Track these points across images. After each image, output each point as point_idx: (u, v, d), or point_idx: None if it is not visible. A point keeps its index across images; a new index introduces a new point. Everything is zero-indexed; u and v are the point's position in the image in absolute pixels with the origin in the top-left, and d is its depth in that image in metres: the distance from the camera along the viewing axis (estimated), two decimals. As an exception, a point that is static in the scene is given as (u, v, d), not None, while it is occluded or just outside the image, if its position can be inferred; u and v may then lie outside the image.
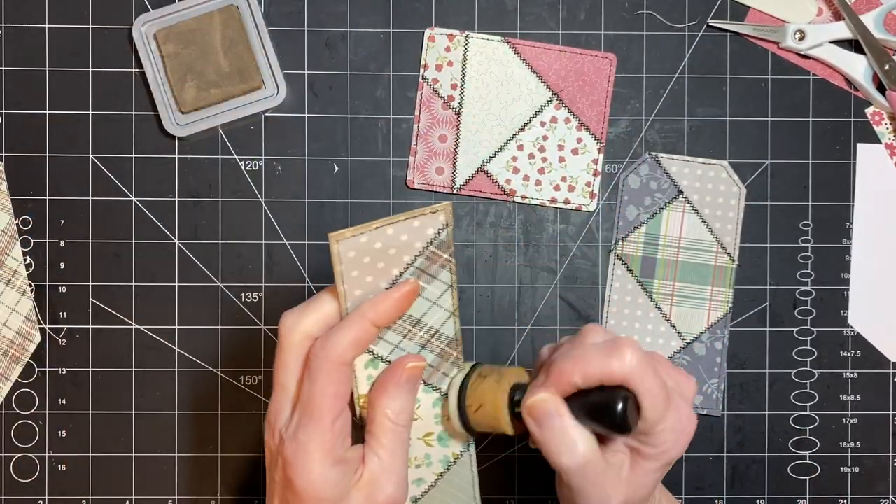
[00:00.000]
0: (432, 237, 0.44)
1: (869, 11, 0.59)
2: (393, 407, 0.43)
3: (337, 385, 0.42)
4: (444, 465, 0.47)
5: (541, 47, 0.60)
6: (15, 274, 0.59)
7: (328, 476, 0.41)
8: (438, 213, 0.43)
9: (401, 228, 0.43)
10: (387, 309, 0.43)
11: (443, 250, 0.44)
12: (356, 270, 0.43)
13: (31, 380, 0.60)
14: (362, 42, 0.60)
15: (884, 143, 0.61)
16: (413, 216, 0.43)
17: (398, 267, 0.44)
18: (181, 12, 0.58)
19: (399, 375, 0.44)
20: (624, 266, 0.60)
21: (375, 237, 0.43)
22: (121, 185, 0.60)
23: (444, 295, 0.45)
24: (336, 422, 0.42)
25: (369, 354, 0.45)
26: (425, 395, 0.46)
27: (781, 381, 0.60)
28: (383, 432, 0.43)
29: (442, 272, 0.45)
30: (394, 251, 0.43)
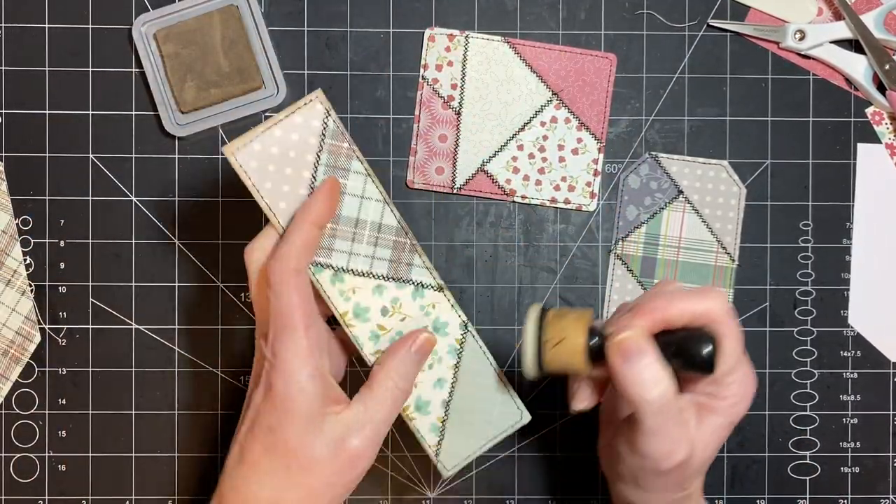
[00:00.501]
0: (321, 129, 0.47)
1: (869, 11, 0.59)
2: (399, 370, 0.46)
3: (298, 292, 0.44)
4: (452, 355, 0.49)
5: (541, 47, 0.60)
6: (15, 274, 0.60)
7: (306, 384, 0.43)
8: (313, 101, 0.47)
9: (287, 127, 0.46)
10: (319, 206, 0.46)
11: (339, 140, 0.47)
12: (268, 182, 0.46)
13: (31, 380, 0.60)
14: (362, 42, 0.60)
15: (884, 143, 0.61)
16: (291, 112, 0.46)
17: (307, 169, 0.47)
18: (181, 12, 0.58)
19: (411, 343, 0.47)
20: (624, 266, 0.60)
21: (267, 142, 0.46)
22: (121, 185, 0.60)
23: (368, 186, 0.48)
24: (309, 329, 0.44)
25: (329, 270, 0.47)
26: (401, 291, 0.48)
27: (781, 381, 0.60)
28: (379, 387, 0.46)
29: (352, 162, 0.47)
30: (293, 153, 0.46)
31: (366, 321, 0.48)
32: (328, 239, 0.47)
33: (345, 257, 0.47)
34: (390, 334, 0.48)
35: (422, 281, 0.48)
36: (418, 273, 0.48)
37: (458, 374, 0.49)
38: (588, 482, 0.60)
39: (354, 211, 0.47)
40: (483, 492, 0.60)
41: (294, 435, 0.44)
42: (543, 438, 0.60)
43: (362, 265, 0.47)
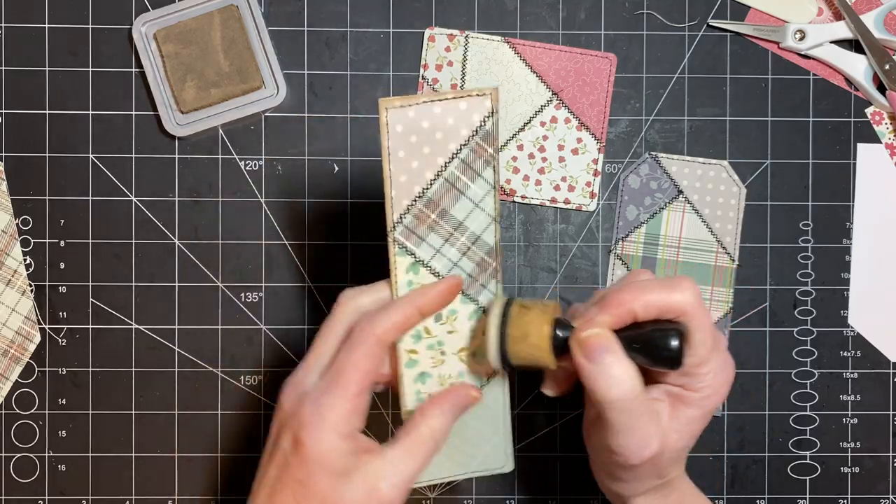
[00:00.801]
0: (478, 125, 0.45)
1: (869, 11, 0.59)
2: (436, 423, 0.45)
3: (371, 360, 0.43)
4: (477, 383, 0.48)
5: (541, 47, 0.60)
6: (15, 274, 0.59)
7: (338, 445, 0.43)
8: (485, 96, 0.44)
9: (448, 108, 0.44)
10: (433, 299, 0.45)
11: (488, 143, 0.45)
12: (402, 150, 0.44)
13: (31, 380, 0.60)
14: (362, 42, 0.60)
15: (884, 143, 0.61)
16: (460, 96, 0.44)
17: (443, 156, 0.45)
18: (181, 12, 0.58)
19: (455, 396, 0.46)
20: (624, 266, 0.60)
21: (422, 113, 0.44)
22: (121, 185, 0.60)
23: (487, 197, 0.46)
24: (360, 396, 0.43)
25: (411, 257, 0.46)
26: (463, 306, 0.47)
27: (781, 381, 0.60)
28: (415, 437, 0.45)
29: (486, 169, 0.45)
30: (440, 135, 0.44)
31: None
32: (426, 230, 0.45)
33: (431, 252, 0.46)
34: (431, 341, 0.47)
35: (485, 305, 0.47)
36: (486, 298, 0.47)
37: None
38: (588, 482, 0.60)
39: (463, 215, 0.46)
40: (483, 492, 0.60)
41: (324, 488, 0.43)
42: (543, 438, 0.60)
43: (442, 267, 0.46)
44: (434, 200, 0.45)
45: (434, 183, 0.45)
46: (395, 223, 0.45)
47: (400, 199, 0.45)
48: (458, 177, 0.45)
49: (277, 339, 0.60)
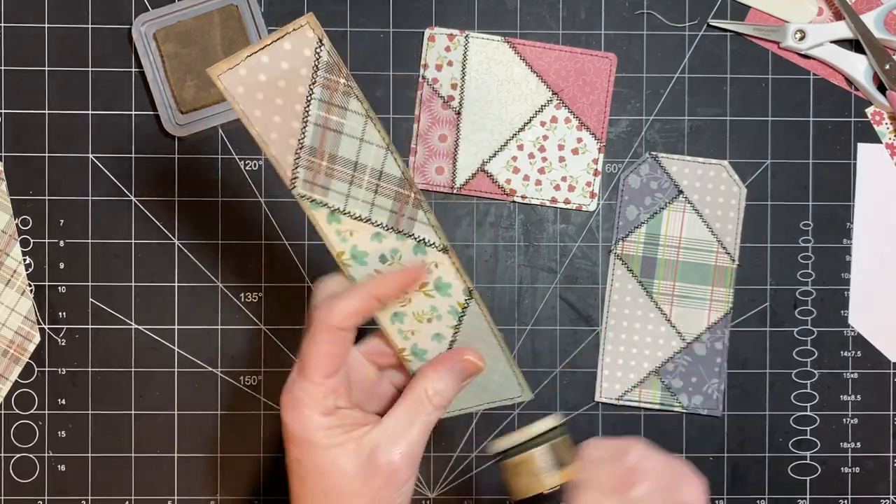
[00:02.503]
0: (314, 60, 0.44)
1: (869, 11, 0.59)
2: (435, 386, 0.45)
3: (332, 346, 0.44)
4: (453, 316, 0.48)
5: (541, 47, 0.60)
6: (14, 274, 0.59)
7: (319, 420, 0.43)
8: (303, 28, 0.43)
9: (274, 53, 0.43)
10: (390, 286, 0.45)
11: (335, 74, 0.44)
12: (257, 109, 0.44)
13: (31, 380, 0.60)
14: (362, 42, 0.60)
15: (884, 142, 0.61)
16: (279, 37, 0.43)
17: (299, 101, 0.44)
18: (181, 12, 0.58)
19: (455, 361, 0.46)
20: (624, 266, 0.60)
21: (254, 68, 0.43)
22: (121, 185, 0.60)
23: (367, 128, 0.45)
24: (329, 379, 0.44)
25: (325, 208, 0.45)
26: (401, 243, 0.46)
27: (782, 381, 0.60)
28: (412, 402, 0.45)
29: (350, 101, 0.44)
30: (283, 83, 0.44)
31: (363, 264, 0.46)
32: (324, 178, 0.45)
33: (342, 198, 0.45)
34: None
35: (425, 238, 0.46)
36: (421, 229, 0.46)
37: (457, 336, 0.48)
38: (588, 482, 0.60)
39: (353, 153, 0.45)
40: (483, 492, 0.60)
41: (319, 461, 0.43)
42: (543, 438, 0.60)
43: (361, 210, 0.45)
44: (316, 147, 0.44)
45: (306, 130, 0.44)
46: (291, 180, 0.45)
47: (283, 155, 0.44)
48: (326, 117, 0.44)
49: (277, 339, 0.60)
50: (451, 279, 0.47)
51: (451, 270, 0.47)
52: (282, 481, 0.60)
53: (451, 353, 0.47)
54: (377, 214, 0.46)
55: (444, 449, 0.60)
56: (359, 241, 0.46)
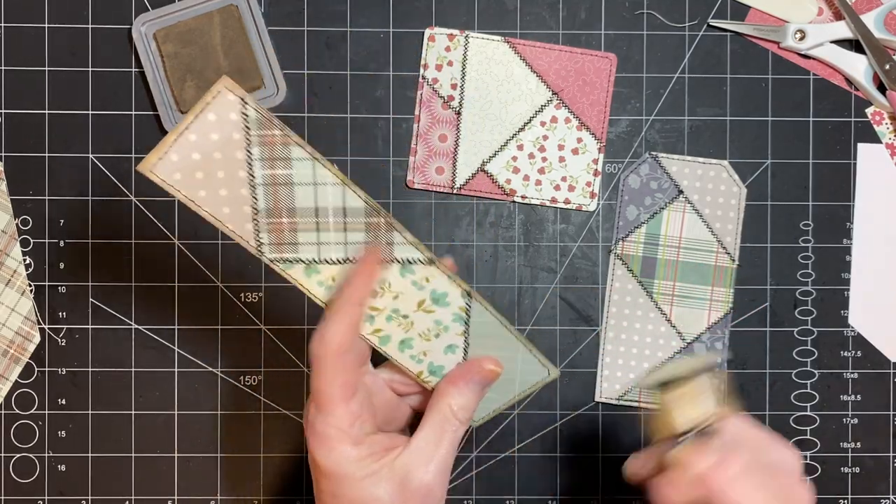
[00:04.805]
0: (243, 121, 0.42)
1: (869, 11, 0.59)
2: (458, 401, 0.45)
3: (340, 373, 0.43)
4: (459, 322, 0.47)
5: (541, 47, 0.60)
6: (15, 274, 0.59)
7: (350, 453, 0.43)
8: (221, 93, 0.41)
9: (201, 129, 0.41)
10: (362, 285, 0.44)
11: (267, 128, 0.42)
12: (201, 190, 0.42)
13: (31, 380, 0.60)
14: (362, 42, 0.60)
15: (884, 143, 0.61)
16: (199, 110, 0.41)
17: (240, 167, 0.42)
18: (181, 12, 0.58)
19: (473, 373, 0.46)
20: (624, 266, 0.60)
21: (184, 149, 0.41)
22: (121, 185, 0.60)
23: (317, 170, 0.43)
24: (350, 404, 0.43)
25: (301, 265, 0.44)
26: (386, 272, 0.45)
27: (782, 381, 0.60)
28: (435, 419, 0.45)
29: (291, 149, 0.42)
30: (218, 154, 0.42)
31: None
32: (289, 234, 0.43)
33: (314, 249, 0.44)
34: (385, 314, 0.46)
35: (408, 257, 0.45)
36: (402, 250, 0.45)
37: (469, 339, 0.47)
38: (588, 482, 0.60)
39: (310, 200, 0.43)
40: (483, 492, 0.60)
41: (352, 495, 0.43)
42: (543, 438, 0.60)
43: (336, 253, 0.44)
44: (272, 207, 0.43)
45: (256, 194, 0.43)
46: (257, 248, 0.44)
47: (240, 226, 0.43)
48: (272, 173, 0.42)
49: (277, 339, 0.60)
50: (446, 288, 0.46)
51: (443, 280, 0.46)
52: (282, 481, 0.60)
53: (468, 365, 0.46)
54: (353, 252, 0.45)
55: (444, 449, 0.60)
56: None
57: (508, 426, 0.60)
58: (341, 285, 0.45)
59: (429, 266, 0.46)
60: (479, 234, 0.60)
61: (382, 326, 0.46)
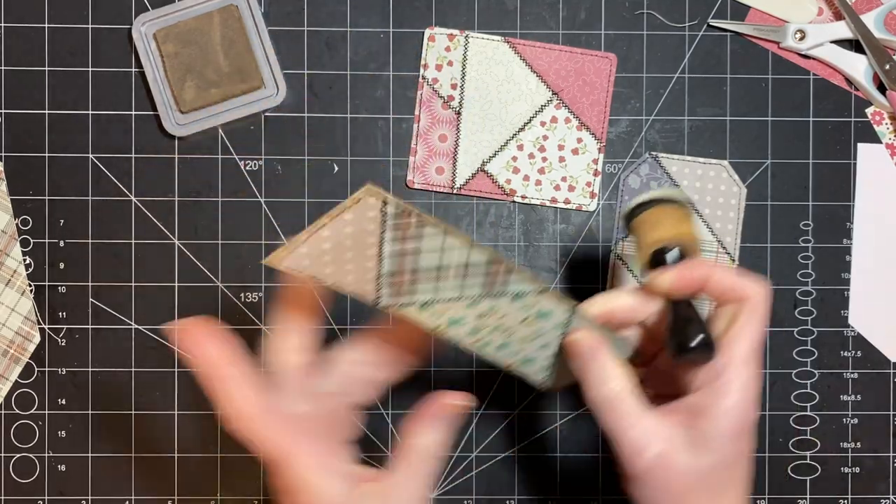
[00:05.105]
0: (381, 218, 0.41)
1: (869, 11, 0.59)
2: (423, 440, 0.44)
3: (282, 431, 0.42)
4: (559, 329, 0.47)
5: (541, 47, 0.60)
6: (15, 274, 0.59)
7: (340, 490, 0.41)
8: (363, 199, 0.40)
9: (336, 227, 0.40)
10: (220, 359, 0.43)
11: (404, 217, 0.41)
12: (327, 268, 0.42)
13: (31, 380, 0.60)
14: (362, 42, 0.60)
15: (884, 143, 0.61)
16: (339, 212, 0.40)
17: (370, 249, 0.41)
18: (181, 12, 0.58)
19: (435, 412, 0.44)
20: (624, 266, 0.60)
21: (315, 244, 0.41)
22: (121, 185, 0.60)
23: (446, 239, 0.42)
24: (311, 445, 0.42)
25: (414, 306, 0.43)
26: (498, 300, 0.45)
27: (782, 381, 0.60)
28: (408, 457, 0.43)
29: (424, 228, 0.42)
30: (350, 242, 0.41)
31: (462, 325, 0.45)
32: (409, 287, 0.43)
33: (429, 294, 0.44)
34: (490, 328, 0.46)
35: (520, 290, 0.45)
36: (516, 285, 0.45)
37: (563, 338, 0.47)
38: (588, 482, 0.60)
39: (435, 261, 0.43)
40: (483, 492, 0.60)
41: None
42: (543, 438, 0.60)
43: (451, 293, 0.44)
44: (396, 271, 0.43)
45: (382, 264, 0.42)
46: (374, 300, 0.43)
47: (361, 287, 0.42)
48: (401, 248, 0.42)
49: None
50: (552, 306, 0.46)
51: (553, 300, 0.46)
52: (282, 481, 0.60)
53: (431, 405, 0.44)
54: (469, 290, 0.44)
55: (444, 449, 0.60)
56: (454, 313, 0.45)
57: (508, 426, 0.60)
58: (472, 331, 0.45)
59: (538, 295, 0.46)
60: (479, 234, 0.60)
61: (484, 337, 0.46)
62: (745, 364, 0.43)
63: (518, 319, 0.46)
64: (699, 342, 0.43)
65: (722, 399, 0.43)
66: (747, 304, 0.44)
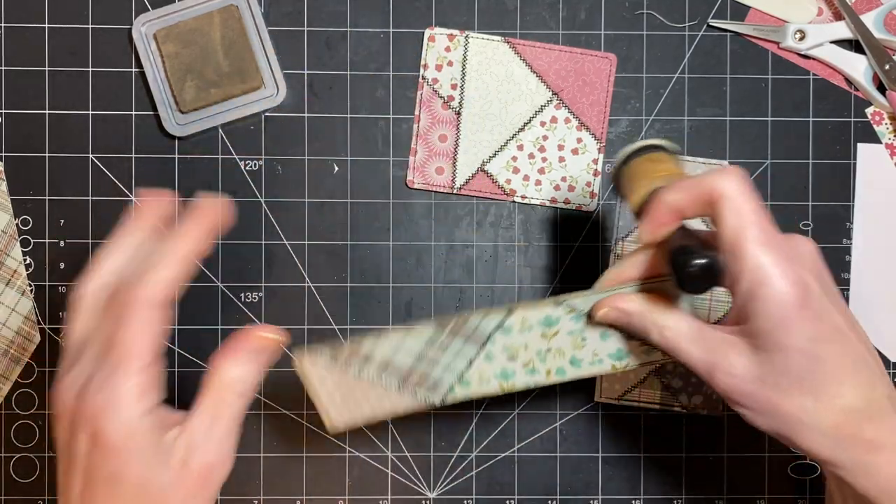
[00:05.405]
0: (332, 367, 0.46)
1: (869, 11, 0.59)
2: (232, 373, 0.42)
3: (152, 327, 0.40)
4: (577, 319, 0.47)
5: (541, 47, 0.60)
6: (15, 274, 0.59)
7: (140, 423, 0.39)
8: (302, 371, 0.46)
9: (322, 389, 0.47)
10: (199, 235, 0.43)
11: (343, 353, 0.46)
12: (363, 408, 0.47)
13: (31, 380, 0.60)
14: (362, 42, 0.60)
15: (884, 143, 0.61)
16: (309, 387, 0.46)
17: (357, 382, 0.47)
18: (181, 12, 0.58)
19: (248, 342, 0.43)
20: (624, 266, 0.60)
21: (332, 404, 0.47)
22: (121, 185, 0.60)
23: (395, 336, 0.46)
24: (150, 367, 0.40)
25: (453, 390, 0.47)
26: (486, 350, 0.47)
27: (781, 381, 0.60)
28: (213, 398, 0.42)
29: (362, 347, 0.46)
30: (341, 388, 0.47)
31: (511, 377, 0.47)
32: (429, 378, 0.47)
33: (446, 368, 0.47)
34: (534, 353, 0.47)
35: (495, 323, 0.47)
36: (487, 322, 0.47)
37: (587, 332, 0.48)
38: (588, 482, 0.60)
39: (410, 355, 0.47)
40: (483, 492, 0.60)
41: (138, 474, 0.39)
42: (543, 438, 0.60)
43: (464, 359, 0.47)
44: (403, 377, 0.47)
45: (384, 383, 0.47)
46: (426, 403, 0.47)
47: (403, 401, 0.47)
48: (373, 365, 0.47)
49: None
50: (538, 316, 0.47)
51: (536, 313, 0.47)
52: (282, 481, 0.60)
53: (242, 335, 0.43)
54: (463, 356, 0.47)
55: (444, 449, 0.60)
56: (484, 372, 0.47)
57: (508, 426, 0.60)
58: (173, 237, 0.43)
59: (513, 314, 0.47)
60: (479, 234, 0.60)
61: (538, 367, 0.48)
62: (757, 252, 0.41)
63: (536, 341, 0.47)
64: (696, 268, 0.40)
65: (754, 298, 0.41)
66: (725, 201, 0.41)
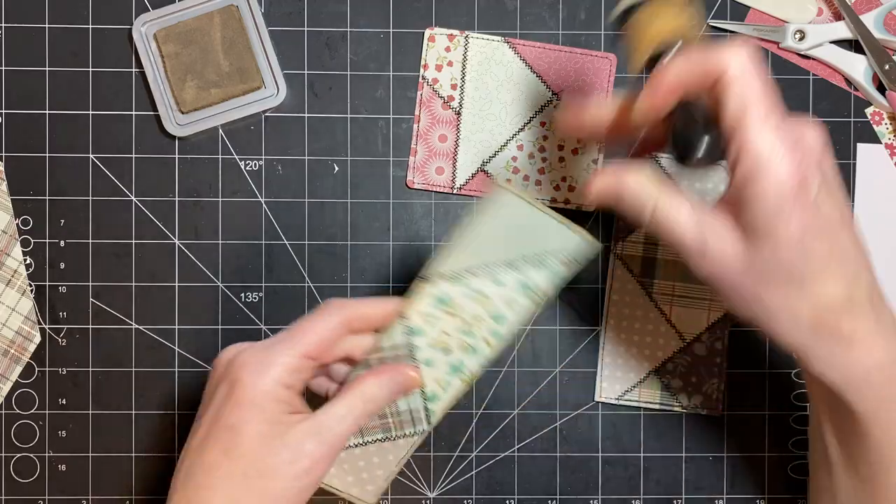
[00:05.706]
0: None
1: (869, 11, 0.59)
2: (370, 392, 0.46)
3: (332, 332, 0.45)
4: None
5: (541, 47, 0.60)
6: (15, 274, 0.60)
7: (275, 391, 0.44)
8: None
9: None
10: (396, 308, 0.48)
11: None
12: (383, 466, 0.49)
13: (31, 380, 0.60)
14: (362, 42, 0.60)
15: (884, 143, 0.61)
16: None
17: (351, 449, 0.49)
18: (181, 12, 0.58)
19: (397, 374, 0.47)
20: (624, 266, 0.60)
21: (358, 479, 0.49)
22: (121, 185, 0.60)
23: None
24: (307, 357, 0.45)
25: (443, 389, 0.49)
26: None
27: (781, 381, 0.60)
28: (350, 400, 0.46)
29: None
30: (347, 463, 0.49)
31: (461, 367, 0.49)
32: (403, 417, 0.49)
33: (408, 402, 0.49)
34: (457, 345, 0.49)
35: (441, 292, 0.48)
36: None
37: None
38: (588, 482, 0.60)
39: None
40: (483, 492, 0.60)
41: (255, 436, 0.43)
42: (543, 438, 0.60)
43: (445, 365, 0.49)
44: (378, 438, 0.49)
45: (364, 442, 0.49)
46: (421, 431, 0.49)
47: (404, 450, 0.49)
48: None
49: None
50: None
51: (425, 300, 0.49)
52: (282, 481, 0.59)
53: (394, 367, 0.48)
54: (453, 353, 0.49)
55: (444, 449, 0.60)
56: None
57: (508, 426, 0.60)
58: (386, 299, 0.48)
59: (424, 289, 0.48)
60: (479, 234, 0.60)
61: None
62: (759, 136, 0.39)
63: (449, 323, 0.48)
64: (699, 144, 0.39)
65: (751, 182, 0.39)
66: (730, 78, 0.40)
